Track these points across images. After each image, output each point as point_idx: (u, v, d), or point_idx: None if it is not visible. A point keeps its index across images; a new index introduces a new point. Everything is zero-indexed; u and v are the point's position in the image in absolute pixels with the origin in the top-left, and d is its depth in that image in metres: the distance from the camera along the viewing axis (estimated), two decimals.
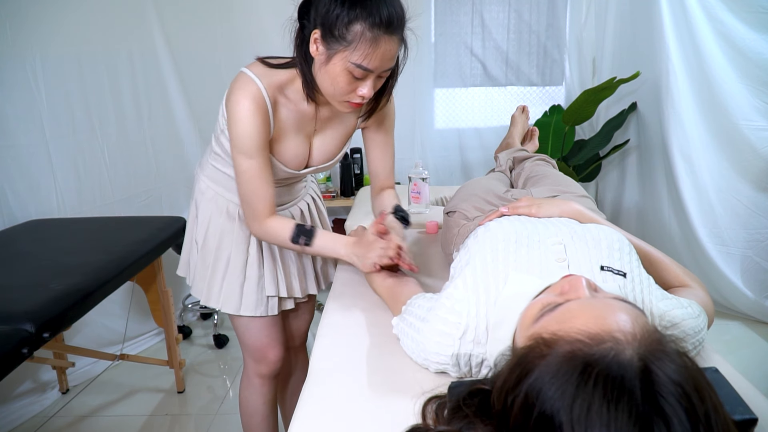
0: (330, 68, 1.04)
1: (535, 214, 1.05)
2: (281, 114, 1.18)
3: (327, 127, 1.27)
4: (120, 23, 2.37)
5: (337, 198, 3.05)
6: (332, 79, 1.06)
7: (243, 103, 1.10)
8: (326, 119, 1.25)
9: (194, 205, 1.38)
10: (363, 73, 1.03)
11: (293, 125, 1.21)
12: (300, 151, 1.24)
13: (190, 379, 2.35)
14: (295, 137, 1.22)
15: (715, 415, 0.49)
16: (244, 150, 1.13)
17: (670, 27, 2.51)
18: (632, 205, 3.06)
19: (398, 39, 1.04)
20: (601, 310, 0.61)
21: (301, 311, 1.56)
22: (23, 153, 2.09)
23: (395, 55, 1.05)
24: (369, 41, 0.99)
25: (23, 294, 1.39)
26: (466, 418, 0.58)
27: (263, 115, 1.12)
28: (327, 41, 1.02)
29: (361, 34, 0.99)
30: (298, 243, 1.20)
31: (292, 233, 1.19)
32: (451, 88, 3.25)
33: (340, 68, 1.03)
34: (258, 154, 1.14)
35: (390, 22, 1.00)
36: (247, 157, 1.14)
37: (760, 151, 2.39)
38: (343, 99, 1.09)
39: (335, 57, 1.02)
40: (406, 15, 1.05)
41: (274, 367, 1.45)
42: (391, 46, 1.02)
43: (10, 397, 2.07)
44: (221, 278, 1.34)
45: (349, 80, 1.04)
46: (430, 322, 0.86)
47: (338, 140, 1.30)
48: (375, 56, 1.01)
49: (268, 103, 1.13)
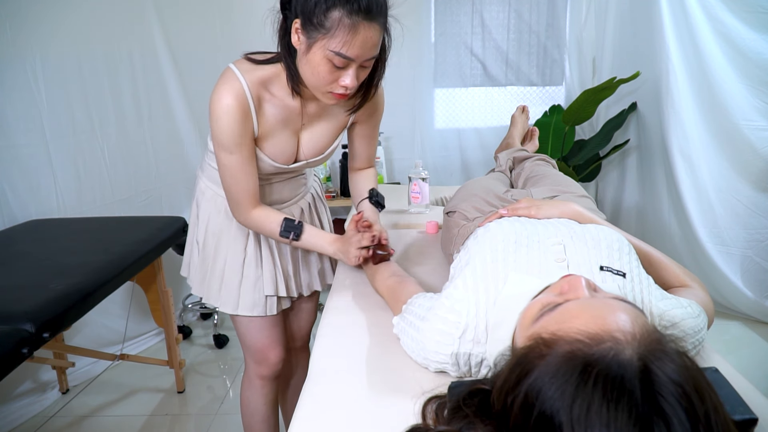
0: (310, 57, 1.03)
1: (534, 215, 1.05)
2: (266, 110, 1.17)
3: (315, 122, 1.26)
4: (120, 23, 2.37)
5: (337, 198, 3.05)
6: (313, 69, 1.04)
7: (223, 100, 1.10)
8: (314, 114, 1.25)
9: (195, 206, 1.39)
10: (343, 61, 1.01)
11: (279, 121, 1.20)
12: (287, 146, 1.24)
13: (190, 379, 2.35)
14: (282, 133, 1.22)
15: (715, 415, 0.49)
16: (223, 145, 1.14)
17: (670, 27, 2.51)
18: (632, 205, 3.06)
19: (379, 26, 1.01)
20: (600, 310, 0.61)
21: (303, 312, 1.56)
22: (23, 153, 2.09)
23: (377, 42, 1.02)
24: (347, 28, 0.97)
25: (23, 294, 1.39)
26: (466, 418, 0.58)
27: (244, 112, 1.12)
28: (307, 30, 1.01)
29: (339, 21, 0.97)
30: (287, 237, 1.22)
31: (280, 228, 1.22)
32: (451, 88, 3.25)
33: (320, 57, 1.01)
34: (238, 149, 1.14)
35: (369, 9, 0.97)
36: (227, 153, 1.14)
37: (760, 151, 2.39)
38: (326, 90, 1.07)
39: (315, 46, 1.01)
40: (389, 1, 1.03)
41: (274, 368, 1.45)
42: (371, 33, 0.99)
43: (10, 397, 2.07)
44: (219, 278, 1.34)
45: (330, 69, 1.03)
46: (430, 321, 0.86)
47: (328, 135, 1.29)
48: (354, 44, 0.99)
49: (251, 101, 1.12)
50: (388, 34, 1.06)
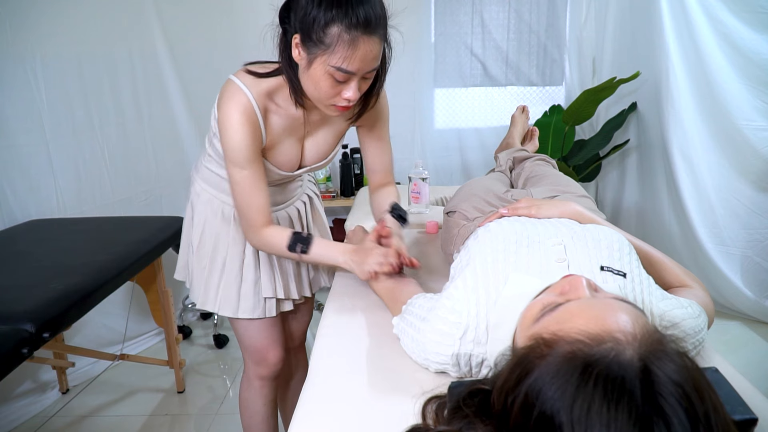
0: (312, 73, 1.03)
1: (534, 215, 1.05)
2: (272, 121, 1.17)
3: (318, 129, 1.26)
4: (120, 23, 2.37)
5: (337, 198, 3.05)
6: (315, 84, 1.04)
7: (233, 116, 1.09)
8: (317, 122, 1.25)
9: (190, 208, 1.38)
10: (345, 76, 1.01)
11: (285, 130, 1.20)
12: (292, 154, 1.24)
13: (190, 379, 2.35)
14: (287, 141, 1.22)
15: (715, 415, 0.49)
16: (236, 161, 1.13)
17: (670, 27, 2.51)
18: (632, 205, 3.06)
19: (379, 39, 1.01)
20: (601, 311, 0.61)
21: (299, 312, 1.56)
22: (23, 153, 2.09)
23: (377, 55, 1.02)
24: (347, 43, 0.97)
25: (23, 294, 1.39)
26: (466, 418, 0.58)
27: (253, 125, 1.12)
28: (306, 45, 1.01)
29: (338, 37, 0.96)
30: (295, 251, 1.19)
31: (288, 241, 1.18)
32: (451, 88, 3.25)
33: (321, 72, 1.01)
34: (250, 164, 1.13)
35: (368, 22, 0.96)
36: (240, 168, 1.13)
37: (760, 151, 2.39)
38: (329, 103, 1.07)
39: (315, 61, 1.01)
40: (388, 12, 1.03)
41: (274, 369, 1.45)
42: (371, 46, 0.99)
43: (10, 397, 2.07)
44: (218, 281, 1.33)
45: (331, 84, 1.02)
46: (430, 321, 0.86)
47: (330, 141, 1.29)
48: (355, 58, 0.98)
49: (258, 112, 1.12)
50: (388, 45, 1.06)
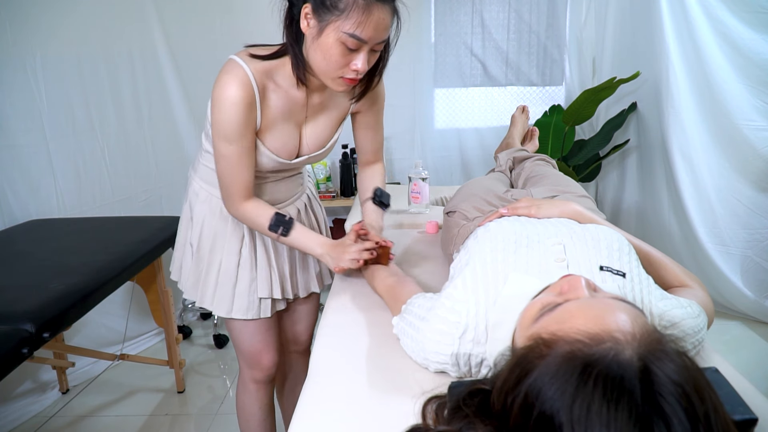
0: (322, 41, 1.03)
1: (534, 214, 1.05)
2: (270, 100, 1.17)
3: (318, 114, 1.26)
4: (120, 23, 2.37)
5: (337, 198, 3.05)
6: (324, 53, 1.04)
7: (228, 89, 1.09)
8: (317, 106, 1.24)
9: (188, 207, 1.37)
10: (356, 43, 1.02)
11: (283, 113, 1.19)
12: (290, 139, 1.23)
13: (190, 379, 2.35)
14: (285, 125, 1.21)
15: (715, 415, 0.49)
16: (225, 135, 1.13)
17: (670, 27, 2.51)
18: (632, 205, 3.06)
19: (390, 9, 1.02)
20: (600, 310, 0.61)
21: (302, 315, 1.54)
22: (23, 153, 2.09)
23: (389, 25, 1.04)
24: (362, 8, 0.98)
25: (23, 294, 1.39)
26: (466, 418, 0.58)
27: (249, 101, 1.11)
28: (318, 13, 1.01)
29: (353, 2, 0.98)
30: (275, 232, 1.22)
31: (270, 222, 1.21)
32: (451, 88, 3.25)
33: (333, 39, 1.02)
34: (239, 140, 1.13)
35: None
36: (227, 143, 1.13)
37: (760, 151, 2.39)
38: (337, 75, 1.07)
39: (328, 28, 1.01)
40: None
41: (268, 373, 1.44)
42: (384, 14, 1.01)
43: (10, 397, 2.07)
44: (214, 280, 1.32)
45: (342, 52, 1.03)
46: (429, 321, 0.86)
47: (330, 126, 1.29)
48: (368, 25, 0.99)
49: (256, 89, 1.12)
50: (398, 17, 1.07)
